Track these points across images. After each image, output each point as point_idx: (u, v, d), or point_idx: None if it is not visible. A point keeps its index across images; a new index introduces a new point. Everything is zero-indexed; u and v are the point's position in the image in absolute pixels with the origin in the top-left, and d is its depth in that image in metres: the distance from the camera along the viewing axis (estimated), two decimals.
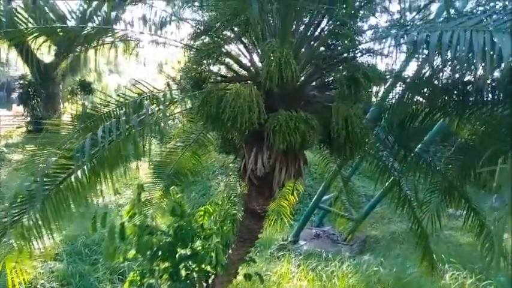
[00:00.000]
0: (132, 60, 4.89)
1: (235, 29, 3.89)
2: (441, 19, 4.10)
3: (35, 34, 3.75)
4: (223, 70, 4.15)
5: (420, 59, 4.19)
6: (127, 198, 10.49)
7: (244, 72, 4.14)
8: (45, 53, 4.02)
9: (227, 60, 4.09)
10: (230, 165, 6.44)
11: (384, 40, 3.53)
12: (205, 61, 3.77)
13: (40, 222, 3.65)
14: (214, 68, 3.99)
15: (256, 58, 4.07)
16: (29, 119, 20.31)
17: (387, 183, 5.30)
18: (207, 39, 3.88)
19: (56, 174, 3.55)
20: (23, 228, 3.67)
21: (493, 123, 4.29)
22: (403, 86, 4.51)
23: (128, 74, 28.68)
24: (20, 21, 3.64)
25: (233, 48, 4.08)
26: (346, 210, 9.27)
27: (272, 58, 3.38)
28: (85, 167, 3.47)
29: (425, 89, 4.45)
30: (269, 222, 7.07)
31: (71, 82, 20.91)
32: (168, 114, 3.64)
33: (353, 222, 9.38)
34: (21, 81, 20.20)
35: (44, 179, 3.31)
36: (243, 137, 4.01)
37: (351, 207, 9.19)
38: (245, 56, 4.11)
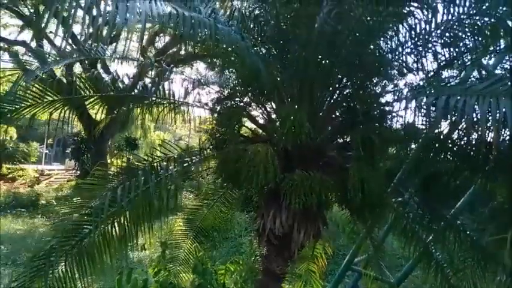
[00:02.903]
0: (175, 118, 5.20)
1: (255, 92, 4.13)
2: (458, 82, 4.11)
3: (93, 100, 4.20)
4: (244, 131, 4.34)
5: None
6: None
7: (263, 133, 4.30)
8: (97, 111, 4.45)
9: (248, 121, 4.30)
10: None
11: (396, 103, 3.61)
12: (227, 123, 3.99)
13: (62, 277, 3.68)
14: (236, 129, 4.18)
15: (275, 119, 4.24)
16: (78, 172, 21.54)
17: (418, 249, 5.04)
18: (229, 104, 4.13)
19: (80, 230, 3.68)
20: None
21: None
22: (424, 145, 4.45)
23: (172, 130, 30.34)
24: (80, 89, 4.11)
25: (253, 110, 4.29)
26: (382, 273, 8.74)
27: (287, 121, 3.53)
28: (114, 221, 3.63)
29: (449, 149, 4.36)
30: (300, 285, 6.83)
31: (119, 138, 22.15)
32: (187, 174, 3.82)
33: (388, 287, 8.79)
34: (75, 138, 21.64)
35: (69, 234, 3.50)
36: (262, 196, 4.09)
37: (386, 270, 8.67)
38: (264, 118, 4.30)
